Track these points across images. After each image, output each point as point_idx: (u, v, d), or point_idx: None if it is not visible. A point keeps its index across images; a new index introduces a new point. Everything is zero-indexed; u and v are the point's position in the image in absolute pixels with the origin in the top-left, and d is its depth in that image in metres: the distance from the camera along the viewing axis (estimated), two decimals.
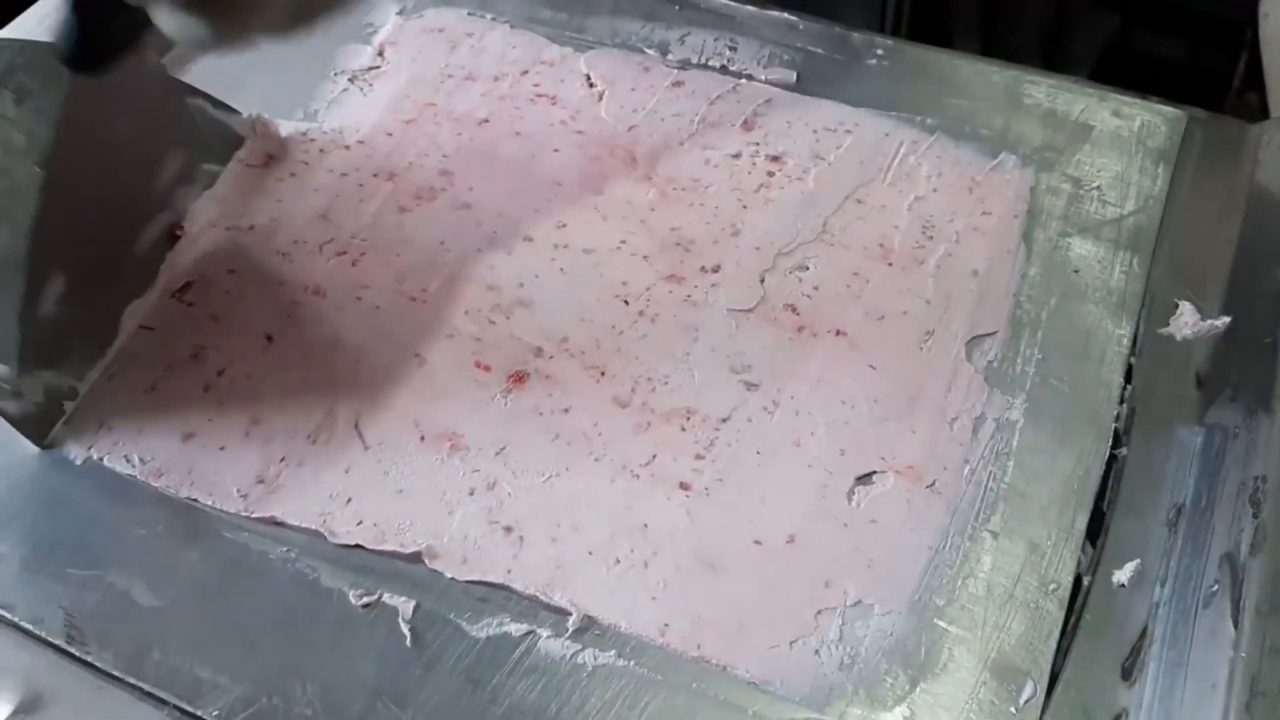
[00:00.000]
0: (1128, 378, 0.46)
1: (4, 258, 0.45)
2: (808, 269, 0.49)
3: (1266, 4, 0.57)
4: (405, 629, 0.40)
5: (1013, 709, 0.38)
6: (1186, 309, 0.47)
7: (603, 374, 0.46)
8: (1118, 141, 0.53)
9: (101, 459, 0.45)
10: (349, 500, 0.43)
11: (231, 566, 0.42)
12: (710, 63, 0.58)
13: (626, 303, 0.48)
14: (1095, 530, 0.42)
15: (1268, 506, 0.39)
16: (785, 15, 0.59)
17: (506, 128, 0.55)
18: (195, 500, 0.43)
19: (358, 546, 0.42)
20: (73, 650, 0.40)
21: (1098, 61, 0.91)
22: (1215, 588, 0.39)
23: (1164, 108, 0.54)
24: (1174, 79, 0.90)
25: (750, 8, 0.60)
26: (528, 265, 0.50)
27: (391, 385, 0.46)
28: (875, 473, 0.43)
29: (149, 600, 0.41)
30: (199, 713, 0.38)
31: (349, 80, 0.58)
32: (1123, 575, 0.41)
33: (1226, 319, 0.46)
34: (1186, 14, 0.87)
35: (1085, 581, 0.41)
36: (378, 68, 0.59)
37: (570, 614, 0.40)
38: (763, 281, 0.49)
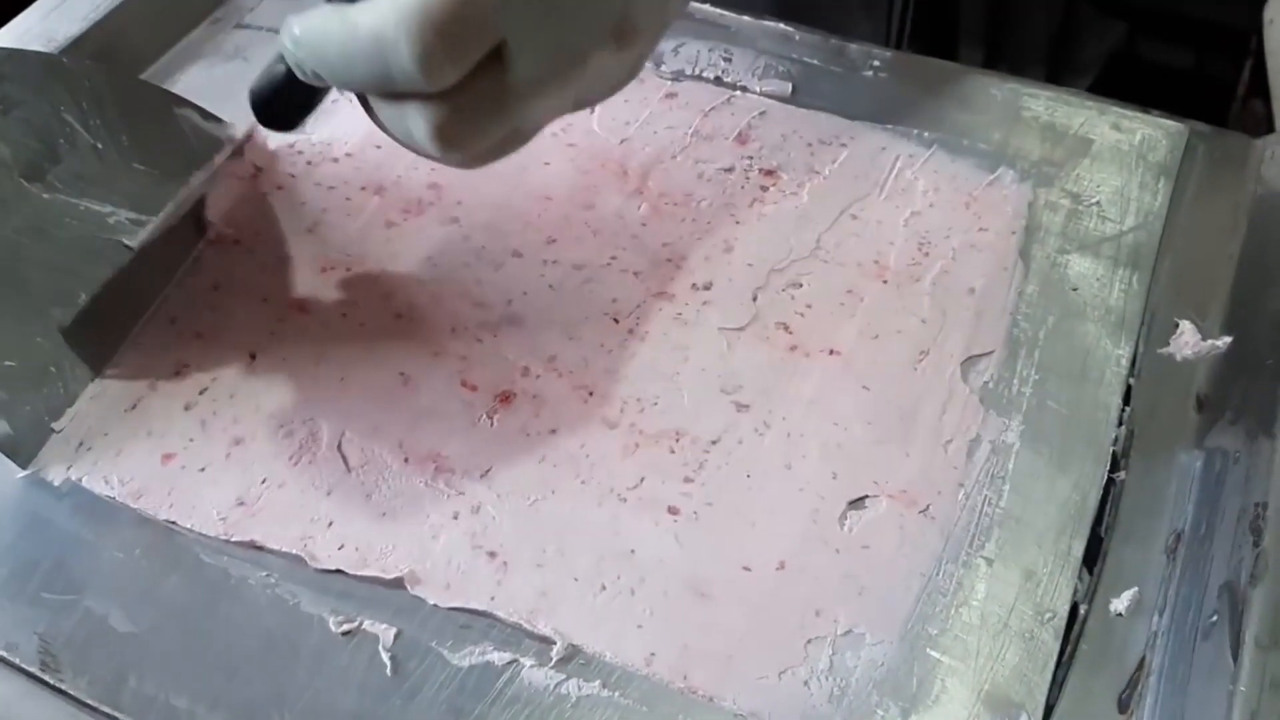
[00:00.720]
0: (1126, 399, 0.45)
1: None
2: (801, 286, 0.48)
3: (1271, 10, 0.56)
4: (386, 657, 0.39)
5: None
6: (1187, 328, 0.46)
7: (591, 394, 0.45)
8: (1118, 156, 0.52)
9: (80, 479, 0.44)
10: (330, 523, 0.42)
11: (210, 591, 0.41)
12: (704, 74, 0.57)
13: (616, 320, 0.48)
14: (1092, 557, 0.41)
15: (1268, 535, 0.38)
16: (781, 25, 0.58)
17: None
18: (174, 523, 0.42)
19: (339, 571, 0.41)
20: (46, 678, 0.39)
21: (1103, 69, 0.91)
22: (1214, 618, 0.38)
23: (1165, 121, 0.53)
24: (1180, 86, 0.89)
25: (746, 18, 0.59)
26: (516, 281, 0.49)
27: (376, 405, 0.45)
28: (868, 497, 0.42)
29: (126, 626, 0.40)
30: None
31: (339, 91, 0.57)
32: (1120, 604, 0.40)
33: (1228, 339, 0.45)
34: (1192, 22, 0.86)
35: (1082, 610, 0.40)
36: None
37: (554, 643, 0.39)
38: (755, 299, 0.48)
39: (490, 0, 0.33)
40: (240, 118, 0.53)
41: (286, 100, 0.39)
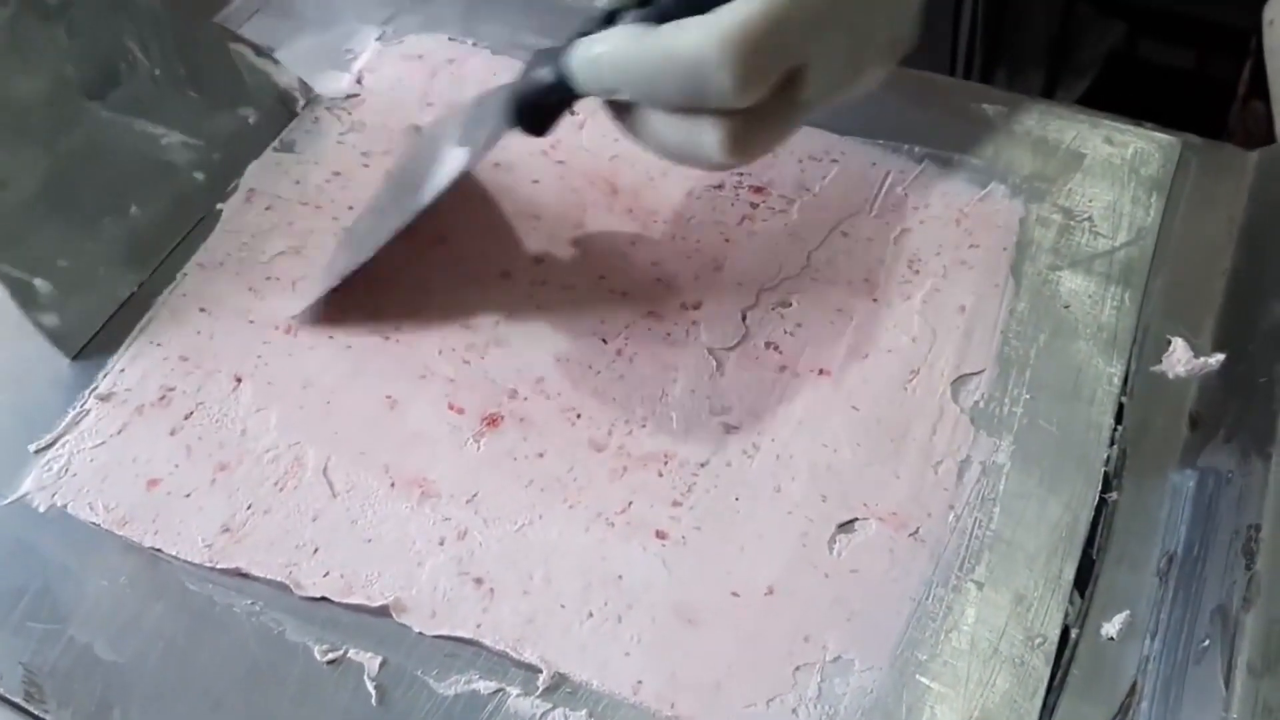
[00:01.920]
0: (1118, 418, 0.44)
1: (50, 182, 0.48)
2: (790, 305, 0.48)
3: (1271, 11, 0.56)
4: (371, 687, 0.39)
5: None
6: (1180, 346, 0.45)
7: (579, 416, 0.45)
8: (1110, 170, 0.52)
9: (65, 506, 0.44)
10: (316, 550, 0.42)
11: (195, 620, 0.41)
12: None
13: (605, 341, 0.47)
14: (1084, 580, 0.41)
15: (1261, 558, 0.38)
16: None
17: (486, 158, 0.54)
18: (159, 550, 0.42)
19: (324, 599, 0.41)
20: (31, 709, 0.39)
21: (1102, 70, 0.90)
22: (1207, 642, 0.38)
23: (1158, 134, 0.53)
24: (1180, 87, 0.89)
25: None
26: (504, 302, 0.49)
27: (362, 428, 0.45)
28: (857, 519, 0.42)
29: (110, 655, 0.40)
30: None
31: (325, 109, 0.57)
32: (1112, 628, 0.39)
33: (1221, 356, 0.45)
34: (1192, 22, 0.86)
35: (1073, 634, 0.39)
36: (356, 95, 0.58)
37: (541, 671, 0.39)
38: (744, 319, 0.48)
39: (801, 27, 0.36)
40: None
41: (547, 108, 0.42)
